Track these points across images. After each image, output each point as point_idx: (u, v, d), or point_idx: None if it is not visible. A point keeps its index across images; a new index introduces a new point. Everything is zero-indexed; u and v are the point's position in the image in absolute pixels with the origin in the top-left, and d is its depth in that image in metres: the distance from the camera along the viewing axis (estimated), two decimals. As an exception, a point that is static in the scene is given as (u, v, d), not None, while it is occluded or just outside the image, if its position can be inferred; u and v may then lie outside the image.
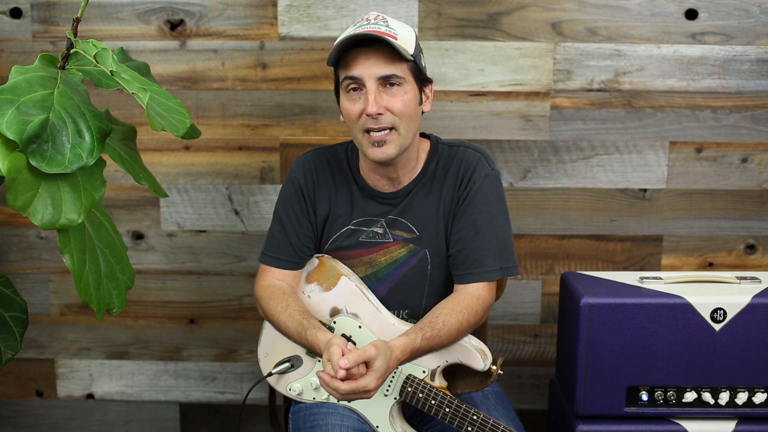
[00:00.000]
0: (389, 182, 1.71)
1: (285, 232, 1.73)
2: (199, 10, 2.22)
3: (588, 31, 2.20)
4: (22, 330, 1.64)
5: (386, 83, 1.55)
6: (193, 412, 2.49)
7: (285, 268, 1.74)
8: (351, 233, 1.74)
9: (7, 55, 2.26)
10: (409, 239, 1.71)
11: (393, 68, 1.54)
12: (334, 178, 1.74)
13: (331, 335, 1.60)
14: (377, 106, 1.54)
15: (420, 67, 1.60)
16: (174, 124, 1.44)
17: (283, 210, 1.75)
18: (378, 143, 1.57)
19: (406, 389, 1.65)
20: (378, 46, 1.54)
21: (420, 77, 1.61)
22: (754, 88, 2.21)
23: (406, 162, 1.68)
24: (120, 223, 2.34)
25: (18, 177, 1.30)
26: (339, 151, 1.77)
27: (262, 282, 1.77)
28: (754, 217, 2.29)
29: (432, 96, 1.68)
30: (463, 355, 1.66)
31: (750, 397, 1.82)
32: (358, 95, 1.57)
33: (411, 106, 1.58)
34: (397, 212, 1.71)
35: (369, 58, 1.54)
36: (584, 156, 2.27)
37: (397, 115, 1.56)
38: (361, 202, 1.72)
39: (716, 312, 1.79)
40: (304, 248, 1.75)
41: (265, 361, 1.82)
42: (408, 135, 1.60)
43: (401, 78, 1.56)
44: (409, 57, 1.56)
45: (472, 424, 1.60)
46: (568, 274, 1.97)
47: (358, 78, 1.55)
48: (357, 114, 1.57)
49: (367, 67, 1.54)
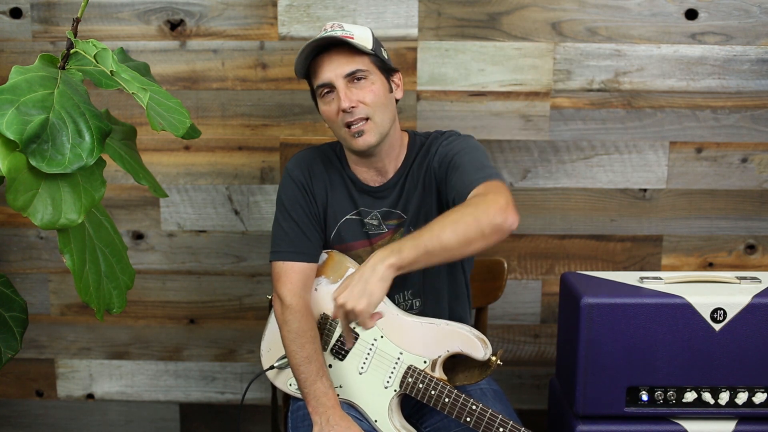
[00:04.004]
0: (377, 173, 1.76)
1: (299, 227, 1.76)
2: (199, 10, 2.22)
3: (588, 31, 2.20)
4: (22, 330, 1.64)
5: (353, 78, 1.64)
6: (193, 412, 2.49)
7: (305, 261, 1.75)
8: (350, 224, 1.78)
9: (7, 55, 2.26)
10: (398, 224, 1.76)
11: (355, 64, 1.64)
12: (328, 172, 1.79)
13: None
14: (349, 101, 1.62)
15: (382, 59, 1.69)
16: (174, 124, 1.44)
17: (290, 207, 1.77)
18: (358, 134, 1.65)
19: (407, 380, 1.67)
20: (338, 48, 1.64)
21: (384, 68, 1.70)
22: (754, 88, 2.21)
23: (389, 150, 1.74)
24: (120, 223, 2.34)
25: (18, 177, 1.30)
26: (327, 149, 1.83)
27: (290, 289, 1.72)
28: (754, 217, 2.29)
29: (402, 84, 1.76)
30: (463, 343, 1.67)
31: (750, 397, 1.82)
32: (331, 97, 1.66)
33: (381, 94, 1.66)
34: (388, 203, 1.76)
35: (332, 61, 1.64)
36: (584, 156, 2.27)
37: (369, 106, 1.64)
38: (356, 195, 1.78)
39: (716, 312, 1.79)
40: (317, 240, 1.78)
41: (267, 356, 1.83)
42: (384, 122, 1.67)
43: (365, 71, 1.65)
44: (368, 51, 1.65)
45: (471, 415, 1.62)
46: (568, 274, 1.97)
47: (327, 83, 1.65)
48: (335, 113, 1.66)
49: (332, 69, 1.64)
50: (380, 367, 1.71)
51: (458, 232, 1.41)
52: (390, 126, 1.70)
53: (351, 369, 1.73)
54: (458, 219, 1.42)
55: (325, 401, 1.65)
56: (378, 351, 1.72)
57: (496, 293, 1.88)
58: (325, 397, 1.65)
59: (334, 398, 1.66)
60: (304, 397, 1.67)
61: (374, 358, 1.72)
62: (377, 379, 1.71)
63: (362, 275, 1.42)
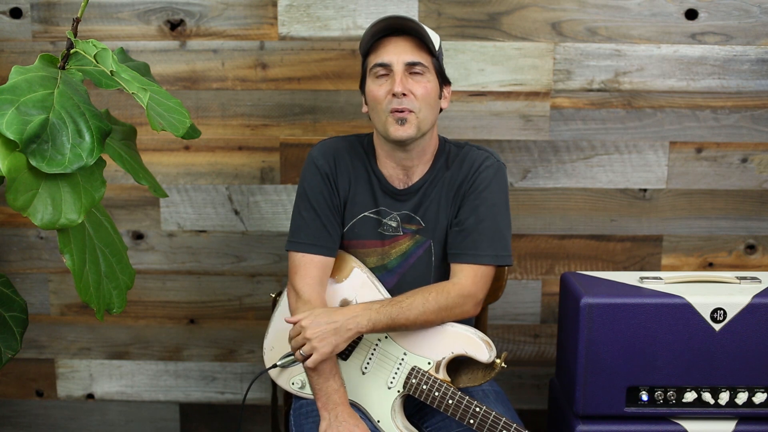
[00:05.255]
0: (404, 172, 1.75)
1: (320, 219, 1.74)
2: (199, 10, 2.22)
3: (588, 31, 2.20)
4: (22, 330, 1.64)
5: (411, 70, 1.65)
6: (193, 412, 2.49)
7: (324, 254, 1.74)
8: (367, 221, 1.77)
9: (7, 55, 2.26)
10: (415, 230, 1.76)
11: (420, 56, 1.66)
12: (353, 165, 1.78)
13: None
14: (403, 87, 1.63)
15: (441, 66, 1.72)
16: (174, 124, 1.44)
17: (312, 196, 1.75)
18: (401, 121, 1.65)
19: (410, 380, 1.67)
20: (407, 36, 1.66)
21: (441, 74, 1.72)
22: (754, 88, 2.21)
23: (421, 152, 1.73)
24: (120, 223, 2.34)
25: (18, 177, 1.30)
26: (354, 141, 1.81)
27: (307, 282, 1.73)
28: (754, 217, 2.29)
29: (449, 97, 1.77)
30: (468, 345, 1.67)
31: (750, 397, 1.82)
32: (384, 79, 1.67)
33: (432, 94, 1.68)
34: (409, 207, 1.76)
35: (399, 45, 1.66)
36: (584, 156, 2.27)
37: (418, 99, 1.65)
38: (378, 194, 1.77)
39: (716, 312, 1.79)
40: (337, 233, 1.77)
41: (270, 354, 1.83)
42: (427, 120, 1.68)
43: (425, 67, 1.66)
44: (435, 51, 1.68)
45: (474, 417, 1.61)
46: (568, 274, 1.97)
47: (387, 64, 1.65)
48: (383, 95, 1.66)
49: (396, 54, 1.65)
50: (383, 367, 1.71)
51: (423, 315, 1.65)
52: (430, 127, 1.70)
53: (354, 369, 1.73)
54: (426, 308, 1.65)
55: (336, 398, 1.65)
56: (381, 351, 1.71)
57: (496, 293, 1.88)
58: (336, 394, 1.65)
59: (344, 396, 1.66)
60: (315, 393, 1.67)
61: (377, 358, 1.71)
62: (380, 380, 1.70)
63: (337, 327, 1.61)
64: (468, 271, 1.70)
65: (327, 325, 1.60)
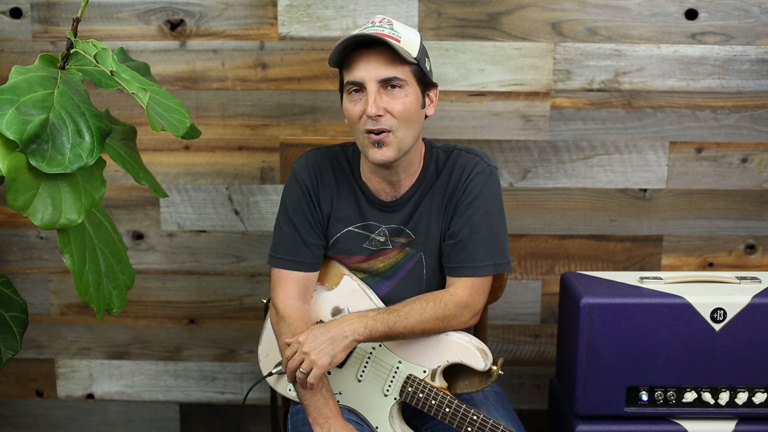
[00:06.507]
0: (390, 186, 1.69)
1: (299, 234, 1.71)
2: (199, 10, 2.22)
3: (588, 31, 2.20)
4: (22, 330, 1.64)
5: (387, 85, 1.55)
6: (193, 412, 2.49)
7: (303, 270, 1.72)
8: (353, 236, 1.73)
9: (7, 55, 2.26)
10: (405, 243, 1.72)
11: (394, 70, 1.54)
12: (337, 179, 1.73)
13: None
14: (376, 108, 1.54)
15: (423, 71, 1.60)
16: (174, 124, 1.44)
17: (292, 210, 1.72)
18: (378, 143, 1.57)
19: (407, 389, 1.66)
20: (380, 48, 1.54)
21: (423, 80, 1.61)
22: (754, 88, 2.21)
23: (407, 166, 1.67)
24: (120, 223, 2.34)
25: (18, 177, 1.30)
26: (339, 153, 1.75)
27: (284, 299, 1.71)
28: (754, 217, 2.29)
29: (436, 100, 1.67)
30: (464, 354, 1.66)
31: (750, 397, 1.82)
32: (359, 96, 1.57)
33: (411, 109, 1.57)
34: (398, 220, 1.70)
35: (370, 61, 1.54)
36: (584, 156, 2.27)
37: (396, 117, 1.56)
38: (365, 208, 1.71)
39: (716, 312, 1.79)
40: (319, 248, 1.73)
41: (265, 361, 1.82)
42: (407, 138, 1.59)
43: (402, 80, 1.55)
44: (412, 60, 1.56)
45: (472, 425, 1.60)
46: (568, 274, 1.97)
47: (359, 82, 1.55)
48: (358, 115, 1.57)
49: (368, 70, 1.54)
50: (379, 374, 1.69)
51: (421, 324, 1.62)
52: (412, 144, 1.61)
53: (349, 376, 1.72)
54: (424, 317, 1.62)
55: (325, 411, 1.62)
56: (375, 360, 1.70)
57: (496, 293, 1.88)
58: (325, 407, 1.63)
59: (334, 407, 1.64)
60: (305, 408, 1.65)
61: (372, 366, 1.70)
62: (376, 387, 1.69)
63: (332, 336, 1.57)
64: (466, 282, 1.67)
65: (322, 335, 1.57)
